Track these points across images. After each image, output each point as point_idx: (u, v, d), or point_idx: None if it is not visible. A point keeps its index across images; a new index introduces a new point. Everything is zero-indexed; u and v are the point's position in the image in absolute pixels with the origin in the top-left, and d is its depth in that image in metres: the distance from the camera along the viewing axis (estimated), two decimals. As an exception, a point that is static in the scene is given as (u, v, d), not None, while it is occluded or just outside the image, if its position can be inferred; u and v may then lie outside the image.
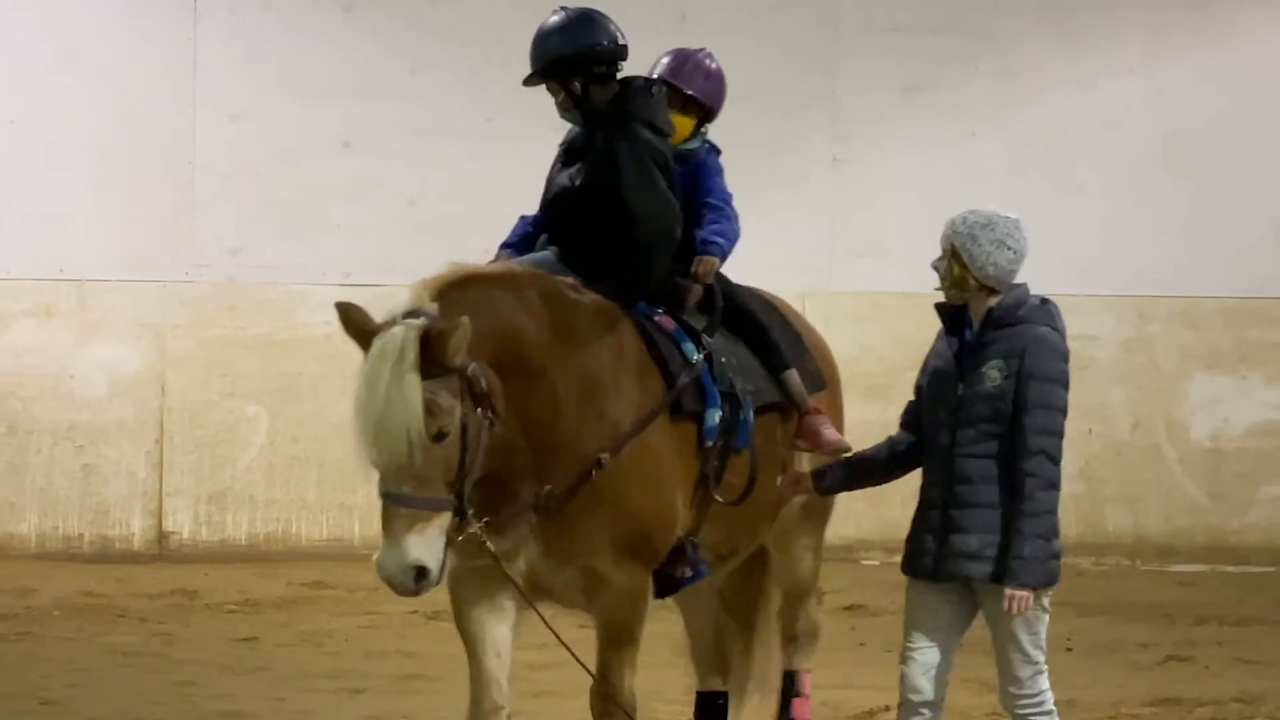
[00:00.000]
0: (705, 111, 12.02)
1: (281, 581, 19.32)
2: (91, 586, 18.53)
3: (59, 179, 20.64)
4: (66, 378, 20.70)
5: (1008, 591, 9.72)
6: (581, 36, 10.95)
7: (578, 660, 10.49)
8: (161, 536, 20.66)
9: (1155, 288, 20.89)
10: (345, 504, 20.65)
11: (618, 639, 10.52)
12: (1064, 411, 9.95)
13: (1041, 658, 10.13)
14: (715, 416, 10.80)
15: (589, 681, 10.96)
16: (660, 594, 10.80)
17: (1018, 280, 10.18)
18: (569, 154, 11.10)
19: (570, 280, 10.67)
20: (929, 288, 10.09)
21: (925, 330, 16.46)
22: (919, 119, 21.19)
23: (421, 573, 9.35)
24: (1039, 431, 9.75)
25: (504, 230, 11.54)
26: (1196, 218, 21.14)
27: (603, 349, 10.58)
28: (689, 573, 10.85)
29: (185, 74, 20.86)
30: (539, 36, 11.02)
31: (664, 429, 10.66)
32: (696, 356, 10.80)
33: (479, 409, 9.63)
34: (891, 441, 10.41)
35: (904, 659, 10.06)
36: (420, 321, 9.51)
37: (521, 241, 11.32)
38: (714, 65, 12.13)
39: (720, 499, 10.86)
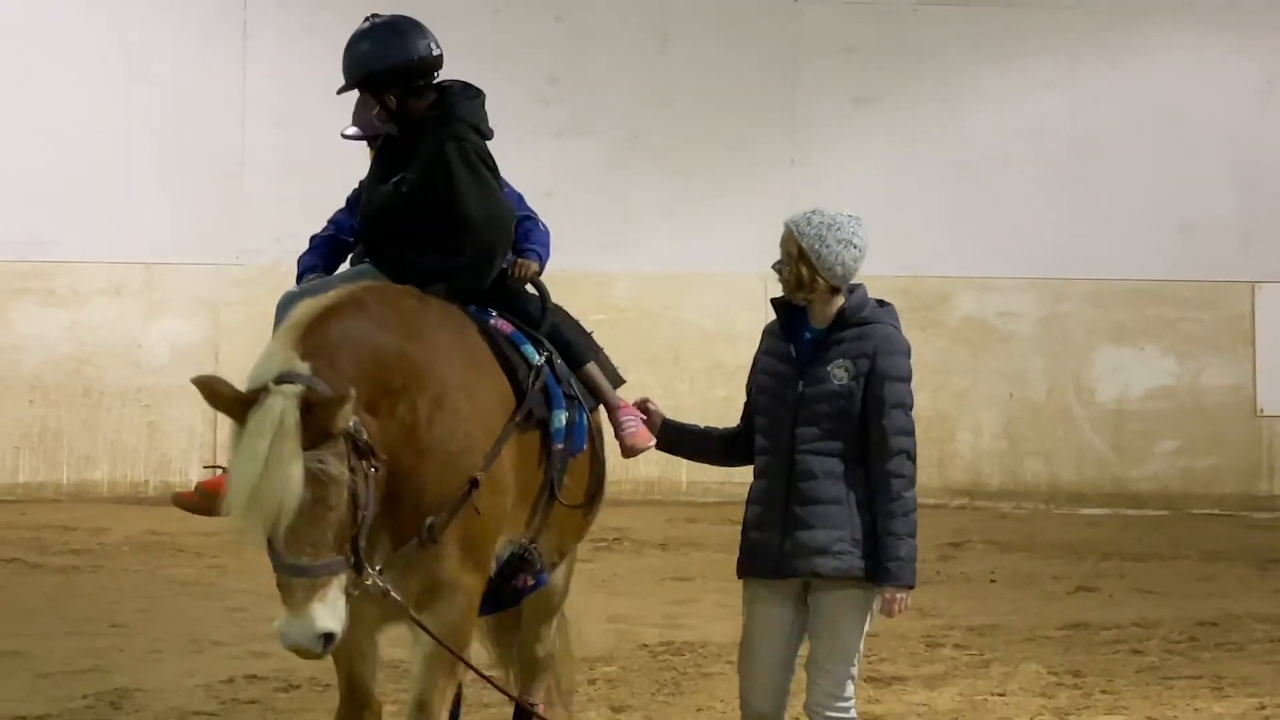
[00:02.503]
0: None
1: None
2: (155, 526, 18.55)
3: (128, 177, 20.66)
4: (134, 348, 20.73)
5: (888, 594, 8.81)
6: (396, 51, 9.61)
7: (496, 685, 10.12)
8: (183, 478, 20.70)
9: (1069, 271, 20.93)
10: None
11: (447, 658, 9.01)
12: (913, 408, 9.07)
13: (858, 665, 9.03)
14: (561, 419, 9.66)
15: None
16: (504, 605, 9.84)
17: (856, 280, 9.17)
18: (386, 163, 9.78)
19: (405, 288, 9.34)
20: (873, 274, 9.64)
21: None
22: (868, 126, 21.24)
23: (329, 639, 8.14)
24: (898, 431, 8.85)
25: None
26: (1106, 212, 21.17)
27: (457, 360, 9.24)
28: (531, 581, 9.81)
29: (236, 87, 20.90)
30: (350, 48, 9.76)
31: (516, 437, 9.36)
32: (538, 360, 9.60)
33: (363, 461, 8.29)
34: (725, 429, 9.52)
35: (743, 674, 9.07)
36: (297, 389, 8.11)
37: (325, 260, 10.29)
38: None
39: (565, 502, 9.72)
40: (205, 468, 9.39)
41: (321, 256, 10.25)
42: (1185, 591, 17.29)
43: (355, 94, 10.03)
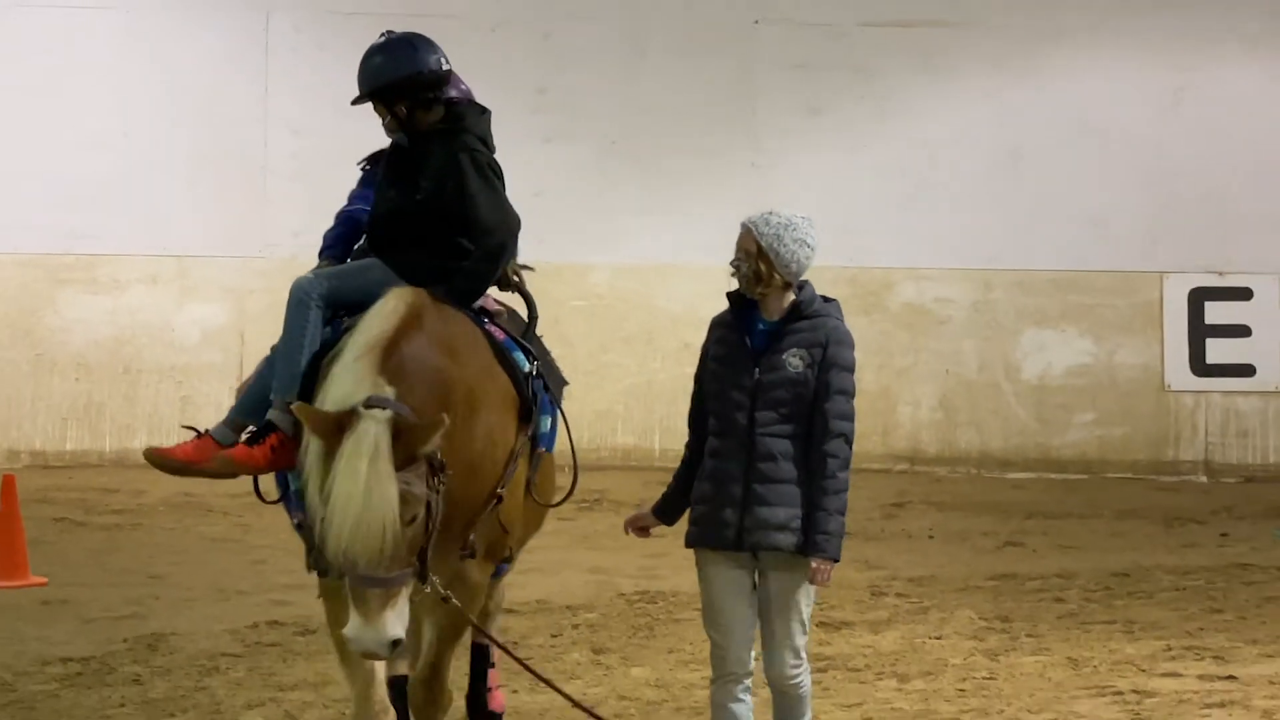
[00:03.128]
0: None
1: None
2: (188, 489, 18.50)
3: (163, 180, 20.65)
4: (169, 330, 20.71)
5: (815, 564, 8.57)
6: (407, 63, 9.28)
7: (536, 674, 9.45)
8: (240, 451, 20.68)
9: (998, 263, 20.94)
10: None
11: (455, 634, 9.08)
12: (854, 396, 8.82)
13: (808, 628, 8.85)
14: (546, 423, 9.47)
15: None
16: None
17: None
18: (395, 169, 9.40)
19: (432, 300, 8.84)
20: (824, 264, 9.45)
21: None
22: (819, 134, 21.22)
23: (397, 644, 7.87)
24: (839, 416, 8.63)
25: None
26: (1030, 210, 21.18)
27: (483, 376, 8.96)
28: (505, 567, 9.75)
29: (259, 98, 20.88)
30: (365, 60, 9.43)
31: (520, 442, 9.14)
32: (528, 367, 9.36)
33: (436, 478, 8.05)
34: (689, 455, 9.08)
35: (720, 632, 8.76)
36: (388, 414, 7.83)
37: (345, 242, 9.92)
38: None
39: (540, 501, 9.53)
40: (184, 427, 9.25)
41: (340, 238, 9.95)
42: (1100, 546, 17.33)
43: (369, 108, 9.71)
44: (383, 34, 9.50)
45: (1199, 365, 21.38)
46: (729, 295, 8.93)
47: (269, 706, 11.49)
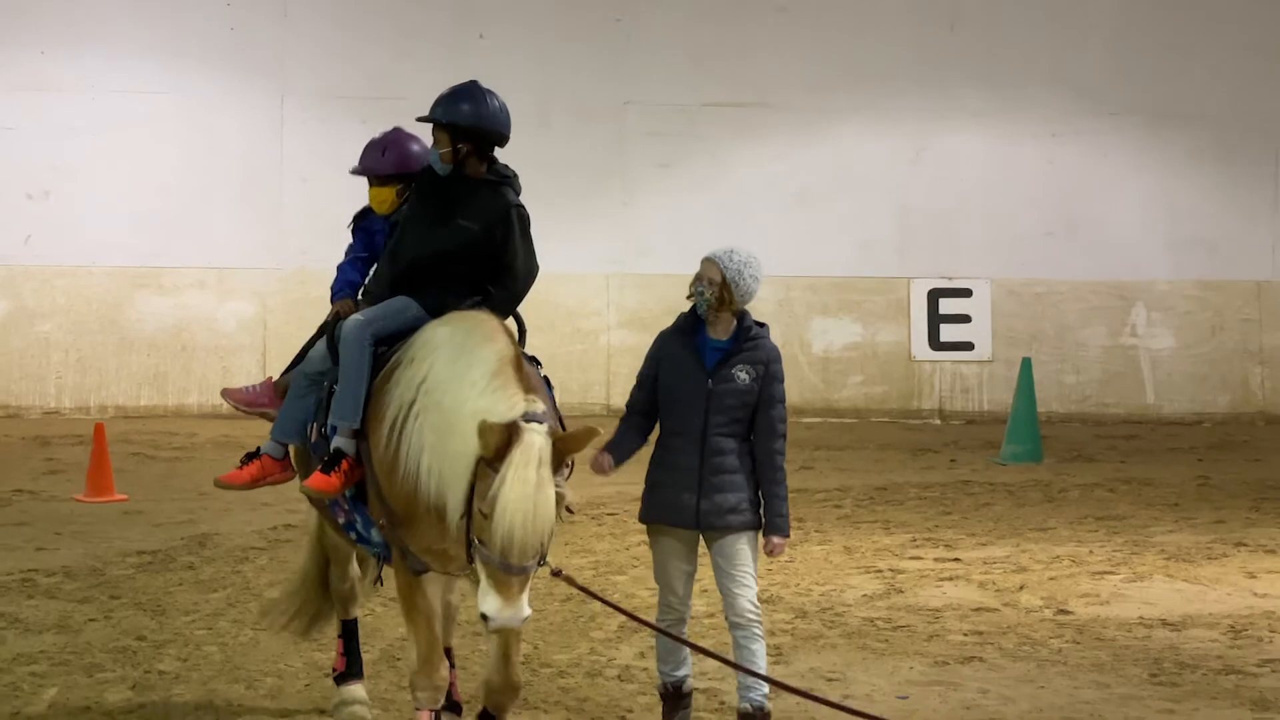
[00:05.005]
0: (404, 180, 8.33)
1: (329, 429, 19.32)
2: (227, 432, 18.45)
3: (207, 212, 20.51)
4: (213, 320, 20.57)
5: (776, 540, 7.99)
6: (494, 121, 7.99)
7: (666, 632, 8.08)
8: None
9: (794, 272, 20.85)
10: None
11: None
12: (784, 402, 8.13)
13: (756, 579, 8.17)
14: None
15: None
16: None
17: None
18: (433, 207, 7.93)
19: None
20: (676, 273, 8.99)
21: (661, 299, 16.32)
22: (669, 182, 21.23)
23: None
24: (781, 420, 8.00)
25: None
26: (816, 234, 21.26)
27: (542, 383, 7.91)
28: None
29: (276, 155, 20.78)
30: (458, 95, 8.05)
31: None
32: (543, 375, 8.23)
33: (566, 479, 7.15)
34: (639, 426, 8.19)
35: (668, 588, 8.08)
36: (546, 427, 6.77)
37: (348, 288, 8.48)
38: (413, 145, 8.54)
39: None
40: (246, 455, 8.21)
41: (349, 284, 8.44)
42: (867, 469, 17.43)
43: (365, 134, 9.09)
44: (471, 82, 8.17)
45: (935, 342, 21.52)
46: (684, 316, 8.17)
47: (285, 584, 11.49)
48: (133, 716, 8.52)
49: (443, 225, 7.81)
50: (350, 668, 8.54)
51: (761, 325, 8.16)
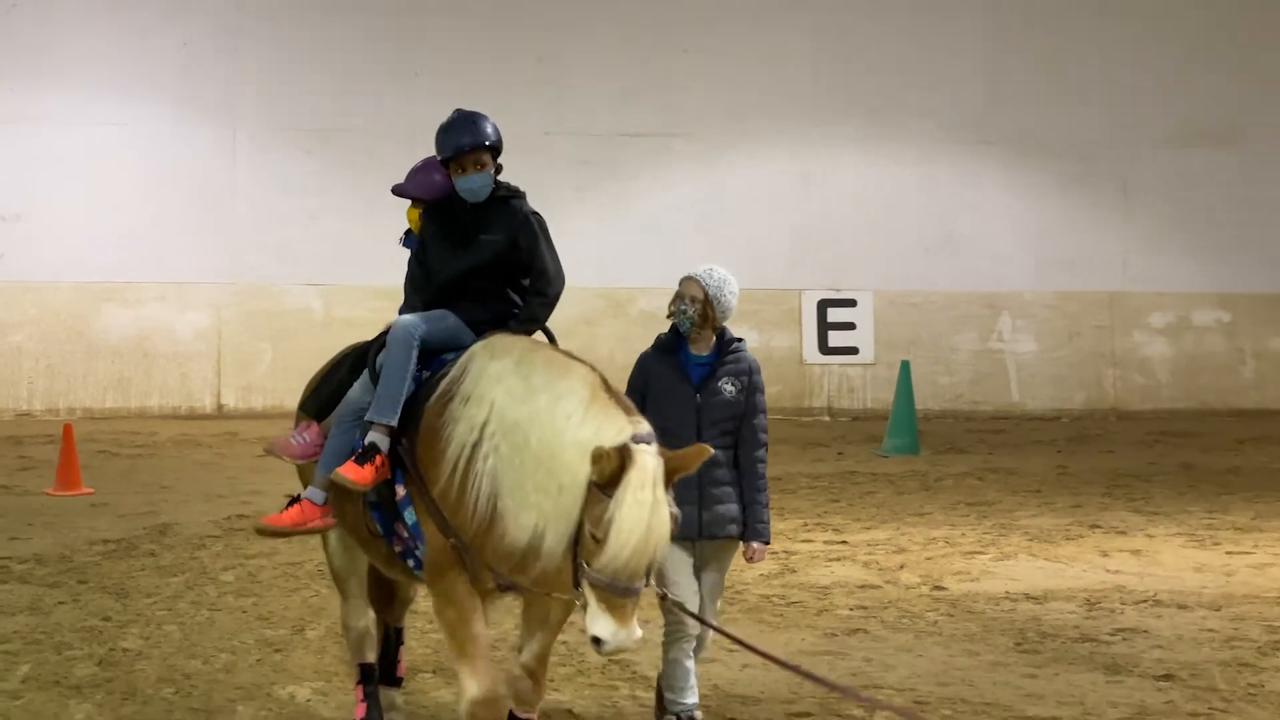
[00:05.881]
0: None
1: (284, 423, 19.18)
2: (185, 431, 18.33)
3: (168, 233, 20.42)
4: (171, 330, 20.43)
5: (756, 546, 7.47)
6: (498, 135, 7.46)
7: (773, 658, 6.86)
8: (219, 407, 20.47)
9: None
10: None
11: (559, 628, 7.10)
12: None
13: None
14: None
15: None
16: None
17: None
18: (454, 232, 7.28)
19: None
20: (588, 285, 8.75)
21: (581, 311, 16.18)
22: (584, 204, 21.22)
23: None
24: (763, 429, 7.55)
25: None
26: (718, 248, 21.11)
27: None
28: None
29: (229, 182, 20.67)
30: (477, 118, 7.45)
31: None
32: None
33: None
34: None
35: (683, 591, 7.39)
36: (655, 447, 6.09)
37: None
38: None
39: None
40: (286, 496, 7.28)
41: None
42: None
43: (311, 191, 8.90)
44: (458, 110, 7.53)
45: (824, 347, 21.60)
46: (664, 336, 7.66)
47: (238, 569, 11.41)
48: (99, 690, 8.44)
49: (466, 245, 7.23)
50: (370, 715, 7.64)
51: (740, 339, 7.69)
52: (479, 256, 7.19)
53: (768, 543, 7.56)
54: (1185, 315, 22.45)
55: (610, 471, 5.98)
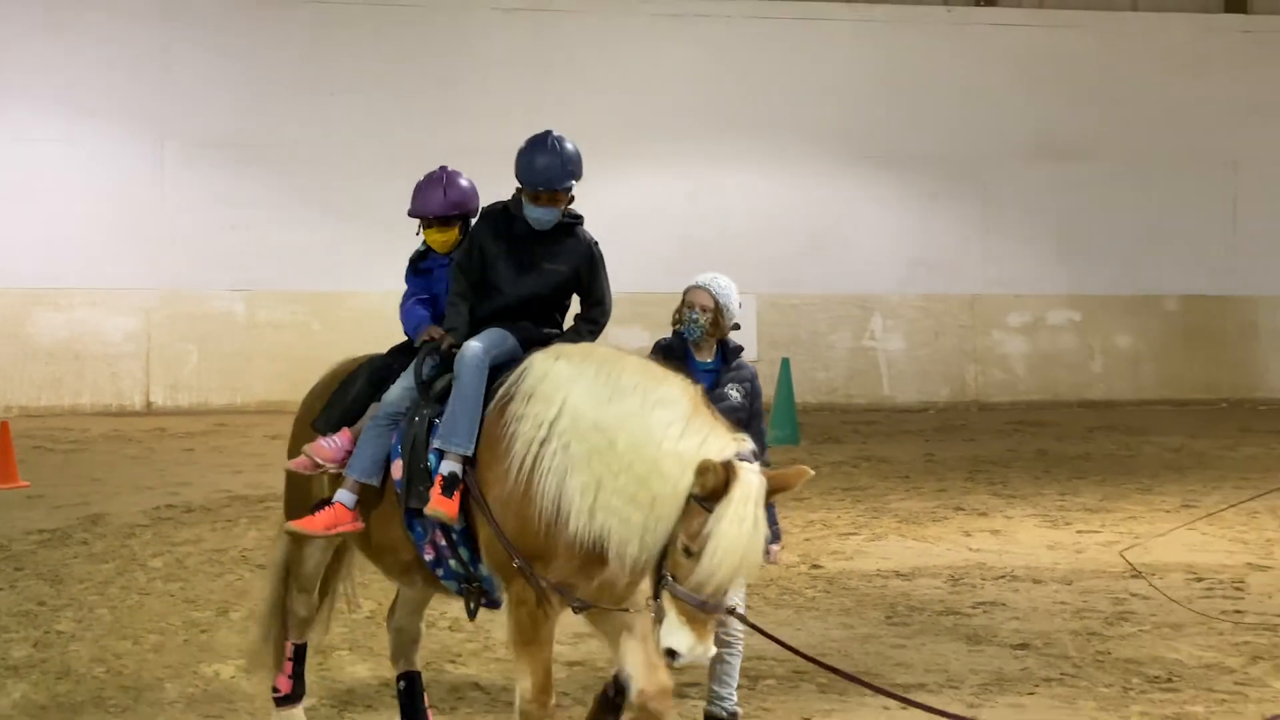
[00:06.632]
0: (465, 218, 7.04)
1: (209, 420, 19.05)
2: (117, 428, 18.11)
3: (98, 241, 20.21)
4: (102, 333, 20.23)
5: (774, 547, 6.86)
6: (581, 170, 6.70)
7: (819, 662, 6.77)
8: (148, 404, 20.26)
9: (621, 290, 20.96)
10: (230, 385, 20.37)
11: None
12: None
13: None
14: None
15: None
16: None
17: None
18: (520, 254, 6.60)
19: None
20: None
21: None
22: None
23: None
24: (764, 432, 7.05)
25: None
26: (621, 259, 21.28)
27: None
28: None
29: (158, 194, 20.46)
30: (565, 156, 6.66)
31: None
32: None
33: None
34: None
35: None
36: (757, 465, 5.62)
37: (426, 323, 6.81)
38: (462, 181, 7.13)
39: None
40: (319, 502, 6.67)
41: (428, 319, 6.82)
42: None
43: (235, 204, 8.66)
44: (561, 138, 6.80)
45: (711, 346, 21.69)
46: (667, 342, 7.23)
47: (166, 555, 11.31)
48: (34, 670, 8.33)
49: (531, 270, 6.60)
50: (295, 690, 7.33)
51: (742, 347, 7.32)
52: (543, 284, 6.62)
53: (779, 541, 7.08)
54: (1040, 315, 22.74)
55: (714, 486, 5.48)
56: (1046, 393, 22.44)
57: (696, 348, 7.16)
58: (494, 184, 23.66)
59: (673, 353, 7.08)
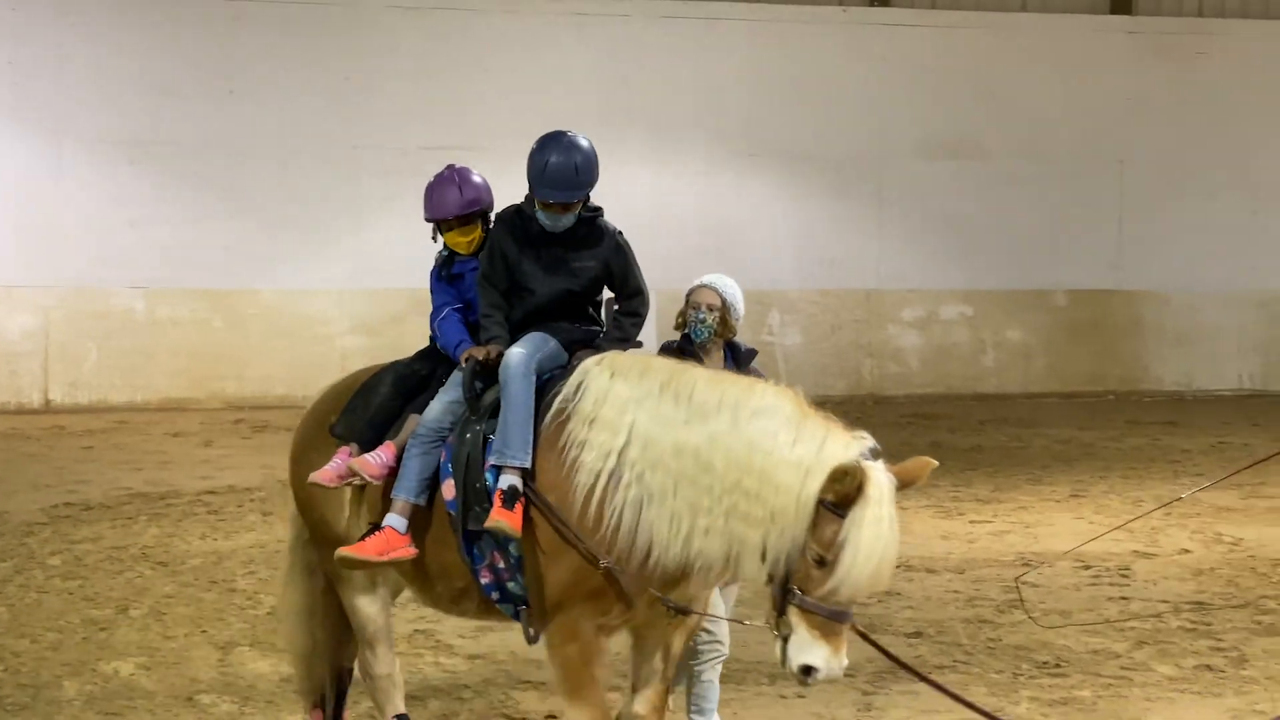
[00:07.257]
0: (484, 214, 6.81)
1: (109, 418, 18.79)
2: (12, 426, 17.82)
3: (21, 246, 19.92)
4: (3, 330, 19.91)
5: None
6: (596, 178, 6.53)
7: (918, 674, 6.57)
8: (46, 402, 19.95)
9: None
10: (130, 383, 20.14)
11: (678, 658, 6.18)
12: None
13: None
14: None
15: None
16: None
17: None
18: (545, 256, 6.30)
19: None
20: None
21: (385, 309, 15.89)
22: (396, 212, 20.99)
23: None
24: None
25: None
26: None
27: None
28: None
29: (58, 193, 20.18)
30: (580, 166, 6.45)
31: None
32: None
33: None
34: None
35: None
36: (882, 463, 5.37)
37: (468, 333, 6.42)
38: (475, 177, 6.94)
39: None
40: (369, 524, 6.13)
41: (465, 331, 6.43)
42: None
43: (146, 210, 8.53)
44: (580, 136, 6.61)
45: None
46: (674, 344, 6.95)
47: (65, 553, 11.18)
48: (-70, 670, 8.19)
49: (559, 269, 6.31)
50: None
51: (754, 350, 7.03)
52: (574, 282, 6.31)
53: None
54: (933, 310, 22.97)
55: (847, 491, 5.16)
56: (940, 386, 22.68)
57: (704, 350, 6.82)
58: (397, 178, 23.44)
59: (682, 355, 6.71)
